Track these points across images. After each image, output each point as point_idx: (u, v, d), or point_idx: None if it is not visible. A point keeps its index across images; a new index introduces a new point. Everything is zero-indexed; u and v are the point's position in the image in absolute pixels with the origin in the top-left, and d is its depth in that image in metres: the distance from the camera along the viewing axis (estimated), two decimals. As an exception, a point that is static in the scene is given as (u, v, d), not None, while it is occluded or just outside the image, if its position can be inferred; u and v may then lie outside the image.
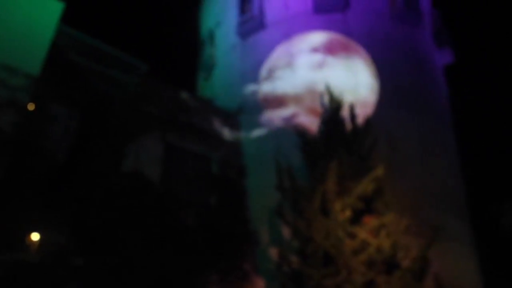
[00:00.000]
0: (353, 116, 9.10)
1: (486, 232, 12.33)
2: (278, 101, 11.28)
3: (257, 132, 11.07)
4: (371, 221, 7.61)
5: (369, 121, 9.18)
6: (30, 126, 7.49)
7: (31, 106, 7.48)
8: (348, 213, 7.62)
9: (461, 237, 10.33)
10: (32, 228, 7.29)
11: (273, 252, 8.58)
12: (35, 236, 7.23)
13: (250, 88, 11.78)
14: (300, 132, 9.32)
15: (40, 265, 7.02)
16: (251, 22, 12.77)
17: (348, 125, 9.00)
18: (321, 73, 11.21)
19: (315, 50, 11.62)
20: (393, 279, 7.12)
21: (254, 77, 11.90)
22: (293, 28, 12.09)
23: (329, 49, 11.57)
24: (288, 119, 10.89)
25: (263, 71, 11.86)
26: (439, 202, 10.18)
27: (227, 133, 11.02)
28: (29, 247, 7.20)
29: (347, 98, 9.65)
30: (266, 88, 11.60)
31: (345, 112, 9.23)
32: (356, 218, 7.68)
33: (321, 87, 10.31)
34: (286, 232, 8.68)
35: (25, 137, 7.27)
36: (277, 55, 11.96)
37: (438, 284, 7.49)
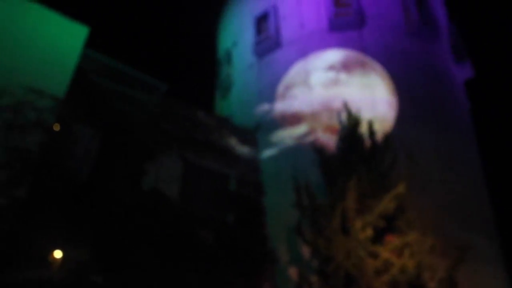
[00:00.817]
0: (371, 132, 9.01)
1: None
2: (295, 119, 11.30)
3: (274, 150, 11.08)
4: (393, 240, 7.40)
5: (388, 137, 9.06)
6: (55, 146, 7.73)
7: (56, 127, 7.75)
8: (369, 231, 7.44)
9: (490, 257, 9.88)
10: (54, 245, 7.42)
11: (293, 272, 8.42)
12: (58, 254, 7.35)
13: (267, 106, 11.88)
14: (318, 150, 9.27)
15: (62, 282, 7.10)
16: (267, 42, 13.00)
17: (367, 142, 8.91)
18: (337, 90, 11.21)
19: (331, 67, 11.68)
20: (419, 301, 6.85)
21: (270, 95, 12.01)
22: (308, 46, 12.23)
23: (345, 66, 11.60)
24: (305, 137, 10.87)
25: (280, 89, 11.96)
26: (464, 220, 9.82)
27: (244, 151, 11.07)
28: (52, 265, 7.30)
29: (365, 114, 9.59)
30: (282, 106, 11.66)
31: (363, 129, 9.16)
32: (378, 237, 7.48)
33: (338, 104, 10.30)
34: (305, 251, 8.53)
35: (50, 156, 7.50)
36: (293, 73, 12.07)
37: (466, 307, 7.14)
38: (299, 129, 11.00)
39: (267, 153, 11.11)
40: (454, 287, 7.19)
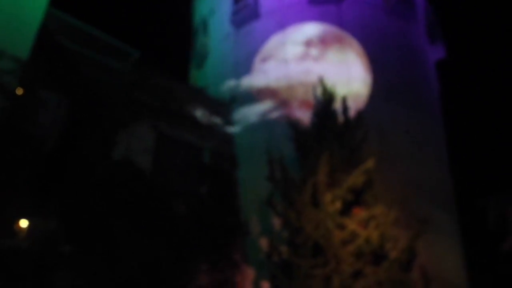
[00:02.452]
0: (345, 108, 9.14)
1: (473, 226, 12.60)
2: (270, 92, 11.25)
3: (249, 123, 11.05)
4: (360, 213, 7.71)
5: (360, 114, 9.23)
6: (19, 112, 7.34)
7: (19, 91, 7.32)
8: (338, 204, 7.70)
9: (448, 230, 10.55)
10: (20, 215, 7.22)
11: (263, 242, 8.65)
12: (23, 223, 7.17)
13: (243, 78, 11.72)
14: (292, 124, 9.33)
15: (29, 251, 6.97)
16: (245, 11, 12.64)
17: (340, 118, 9.04)
18: (314, 65, 11.19)
19: (309, 41, 11.58)
20: (381, 269, 7.25)
21: (247, 67, 11.83)
22: (287, 18, 12.01)
23: (323, 41, 11.55)
24: (280, 111, 10.88)
25: (256, 62, 11.79)
26: (427, 195, 10.35)
27: (219, 123, 10.97)
28: (18, 234, 7.13)
29: (340, 90, 9.67)
30: (259, 78, 11.55)
31: (337, 105, 9.26)
32: (346, 210, 7.77)
33: (313, 79, 10.31)
34: (276, 222, 8.75)
35: (14, 122, 7.14)
36: (271, 45, 11.89)
37: (424, 275, 7.65)
38: (264, 105, 10.98)
39: (242, 125, 11.07)
40: (414, 256, 7.66)
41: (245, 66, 11.88)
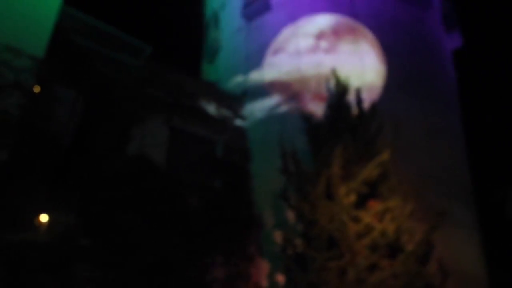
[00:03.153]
0: (359, 100, 9.02)
1: (491, 218, 12.35)
2: (283, 85, 11.18)
3: (261, 116, 11.03)
4: (375, 206, 7.64)
5: (375, 106, 9.09)
6: (36, 109, 7.50)
7: (36, 88, 7.48)
8: (352, 197, 7.64)
9: (466, 222, 10.36)
10: (40, 209, 7.40)
11: (278, 236, 8.66)
12: (44, 218, 7.35)
13: (255, 71, 11.67)
14: (305, 117, 9.27)
15: (49, 245, 7.15)
16: (256, 3, 12.54)
17: (354, 110, 8.93)
18: (327, 57, 11.05)
19: (321, 33, 11.43)
20: (397, 262, 7.18)
21: (259, 60, 11.77)
22: (299, 10, 11.87)
23: (336, 32, 11.38)
24: (293, 104, 10.81)
25: (268, 55, 11.72)
26: (444, 187, 10.17)
27: (231, 117, 10.98)
28: (38, 228, 7.32)
29: (354, 82, 9.54)
30: (270, 71, 11.48)
31: (351, 97, 9.15)
32: (361, 203, 7.70)
33: (326, 72, 10.19)
34: (290, 216, 8.74)
35: (31, 119, 7.29)
36: (282, 38, 11.78)
37: (441, 268, 7.55)
38: (277, 98, 10.90)
39: (255, 119, 11.05)
40: (431, 249, 7.56)
41: (256, 59, 11.82)
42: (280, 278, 8.48)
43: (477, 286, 9.72)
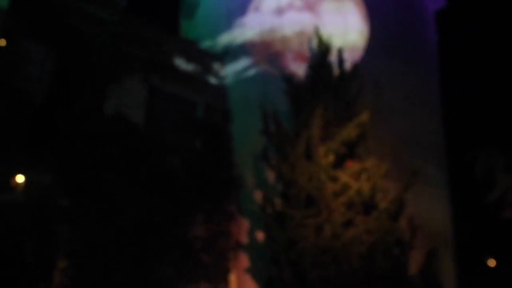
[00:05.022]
0: (341, 61, 8.95)
1: (462, 177, 12.96)
2: (264, 44, 10.90)
3: (242, 77, 10.82)
4: (353, 166, 7.85)
5: (356, 67, 9.05)
6: (4, 64, 7.07)
7: (2, 42, 7.00)
8: (331, 157, 7.81)
9: (437, 182, 10.85)
10: (16, 170, 7.22)
11: (258, 195, 8.85)
12: (20, 178, 7.19)
13: (236, 29, 11.28)
14: (287, 77, 9.16)
15: (27, 205, 7.06)
16: (238, -44, 11.85)
17: (336, 70, 8.87)
18: (310, 15, 10.75)
19: (305, -10, 11.02)
20: (370, 219, 7.53)
21: (240, 17, 11.33)
22: (282, -36, 11.31)
23: (320, -11, 11.00)
24: (275, 63, 10.62)
25: (250, 11, 11.28)
26: (419, 149, 10.50)
27: (212, 77, 10.73)
28: (15, 189, 7.19)
29: (336, 42, 9.39)
30: (252, 30, 11.12)
31: (333, 57, 9.04)
32: (339, 163, 7.89)
33: (309, 30, 9.96)
34: (270, 176, 8.89)
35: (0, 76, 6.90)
36: (265, -6, 11.30)
37: (411, 224, 7.98)
38: (258, 58, 10.67)
39: (236, 79, 10.84)
40: (402, 207, 7.93)
41: (238, 16, 11.37)
42: (260, 235, 8.78)
43: (443, 241, 10.39)
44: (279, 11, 10.97)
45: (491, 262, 13.61)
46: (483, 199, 12.09)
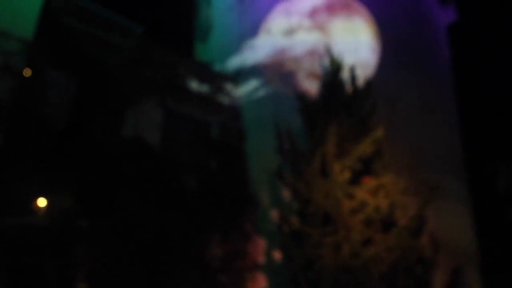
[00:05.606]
0: (353, 78, 8.98)
1: (482, 191, 12.60)
2: (277, 64, 11.08)
3: (256, 96, 10.98)
4: (369, 182, 7.75)
5: (369, 83, 9.07)
6: (28, 92, 7.40)
7: (27, 72, 7.35)
8: (347, 174, 7.74)
9: (457, 196, 10.58)
10: (37, 193, 7.42)
11: (273, 213, 8.80)
12: (41, 202, 7.38)
13: (249, 51, 11.53)
14: (300, 95, 9.24)
15: (48, 228, 7.22)
16: (248, -19, 12.26)
17: (348, 87, 8.91)
18: (321, 34, 10.92)
19: (315, 10, 11.25)
20: (390, 236, 7.36)
21: (252, 39, 11.60)
22: (292, -14, 11.62)
23: (329, 8, 11.20)
24: (287, 82, 10.75)
25: (262, 33, 11.55)
26: (437, 162, 10.33)
27: (225, 97, 10.92)
28: (36, 212, 7.37)
29: (348, 59, 9.47)
30: (264, 50, 11.35)
31: (345, 74, 9.10)
32: (355, 179, 7.80)
33: (321, 49, 10.09)
34: (286, 194, 8.85)
35: (24, 103, 7.21)
36: (276, 16, 11.58)
37: (433, 241, 7.75)
38: (271, 78, 10.82)
39: (249, 99, 11.00)
40: (423, 223, 7.74)
41: (250, 38, 11.65)
42: (277, 255, 8.67)
43: (467, 258, 10.03)
44: (290, 32, 11.19)
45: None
46: (507, 214, 11.67)
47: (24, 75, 7.19)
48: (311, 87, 9.95)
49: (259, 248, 9.26)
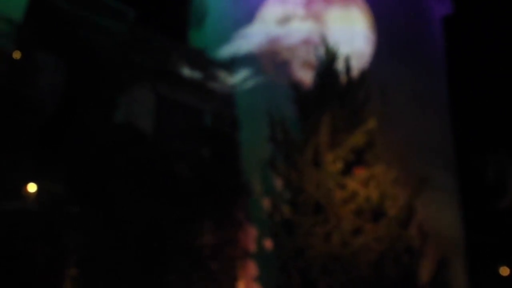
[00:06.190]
0: (348, 68, 8.97)
1: (471, 182, 12.80)
2: (271, 52, 10.98)
3: (250, 84, 10.90)
4: (361, 172, 7.82)
5: (364, 74, 9.06)
6: (17, 75, 7.23)
7: (17, 54, 7.17)
8: (339, 164, 7.79)
9: (447, 188, 10.75)
10: (27, 178, 7.34)
11: (265, 202, 8.85)
12: (32, 187, 7.31)
13: (244, 38, 11.39)
14: (294, 85, 9.20)
15: (38, 213, 7.17)
16: (244, -34, 12.02)
17: (343, 78, 8.89)
18: (316, 23, 10.83)
19: (311, -2, 11.12)
20: (379, 226, 7.47)
21: (247, 27, 11.45)
22: (288, -27, 11.44)
23: (326, -3, 11.08)
24: (282, 71, 10.69)
25: (257, 21, 11.40)
26: (428, 154, 10.44)
27: (219, 85, 10.82)
28: (26, 198, 7.30)
29: (343, 49, 9.43)
30: (259, 38, 11.22)
31: (340, 64, 9.07)
32: (347, 170, 7.86)
33: (316, 38, 10.02)
34: (278, 183, 8.89)
35: (12, 86, 7.05)
36: (271, 3, 11.43)
37: (421, 231, 7.89)
38: (265, 66, 10.74)
39: (243, 87, 10.92)
40: (412, 213, 7.86)
41: (245, 25, 11.49)
42: (268, 243, 8.76)
43: (454, 248, 10.25)
44: (285, 20, 11.07)
45: (504, 271, 13.34)
46: (495, 205, 11.92)
47: (14, 57, 7.02)
48: (306, 76, 9.92)
49: (250, 236, 9.34)
